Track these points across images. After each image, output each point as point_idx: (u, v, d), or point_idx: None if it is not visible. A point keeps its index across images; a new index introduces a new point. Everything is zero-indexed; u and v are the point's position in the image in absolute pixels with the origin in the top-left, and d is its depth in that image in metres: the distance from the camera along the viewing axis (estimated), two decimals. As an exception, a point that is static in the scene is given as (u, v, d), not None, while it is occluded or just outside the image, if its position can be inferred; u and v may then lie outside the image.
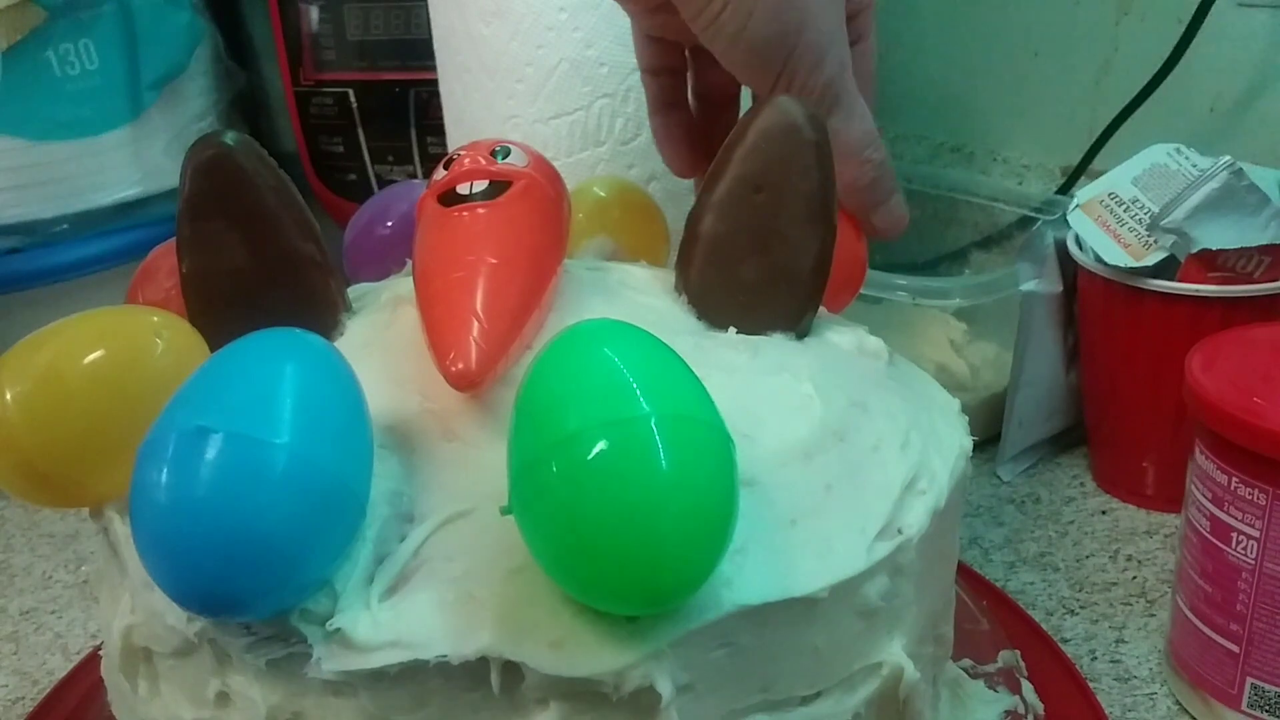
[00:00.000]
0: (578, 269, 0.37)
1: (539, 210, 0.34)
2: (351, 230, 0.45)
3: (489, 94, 0.58)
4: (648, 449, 0.24)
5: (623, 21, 0.55)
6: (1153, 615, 0.48)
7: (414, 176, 0.78)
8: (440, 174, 0.34)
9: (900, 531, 0.30)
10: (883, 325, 0.40)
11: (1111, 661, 0.46)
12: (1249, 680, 0.39)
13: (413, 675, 0.26)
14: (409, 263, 0.35)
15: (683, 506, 0.24)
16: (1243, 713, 0.40)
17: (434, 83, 0.63)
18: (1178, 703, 0.43)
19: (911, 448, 0.33)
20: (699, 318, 0.36)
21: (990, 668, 0.41)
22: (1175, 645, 0.43)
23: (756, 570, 0.28)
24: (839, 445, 0.32)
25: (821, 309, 0.37)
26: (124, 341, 0.31)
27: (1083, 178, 0.67)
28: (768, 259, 0.34)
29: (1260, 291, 0.50)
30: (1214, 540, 0.39)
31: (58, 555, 0.58)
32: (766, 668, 0.28)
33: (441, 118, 0.64)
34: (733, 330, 0.35)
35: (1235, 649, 0.39)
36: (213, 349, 0.30)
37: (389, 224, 0.44)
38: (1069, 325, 0.59)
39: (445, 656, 0.26)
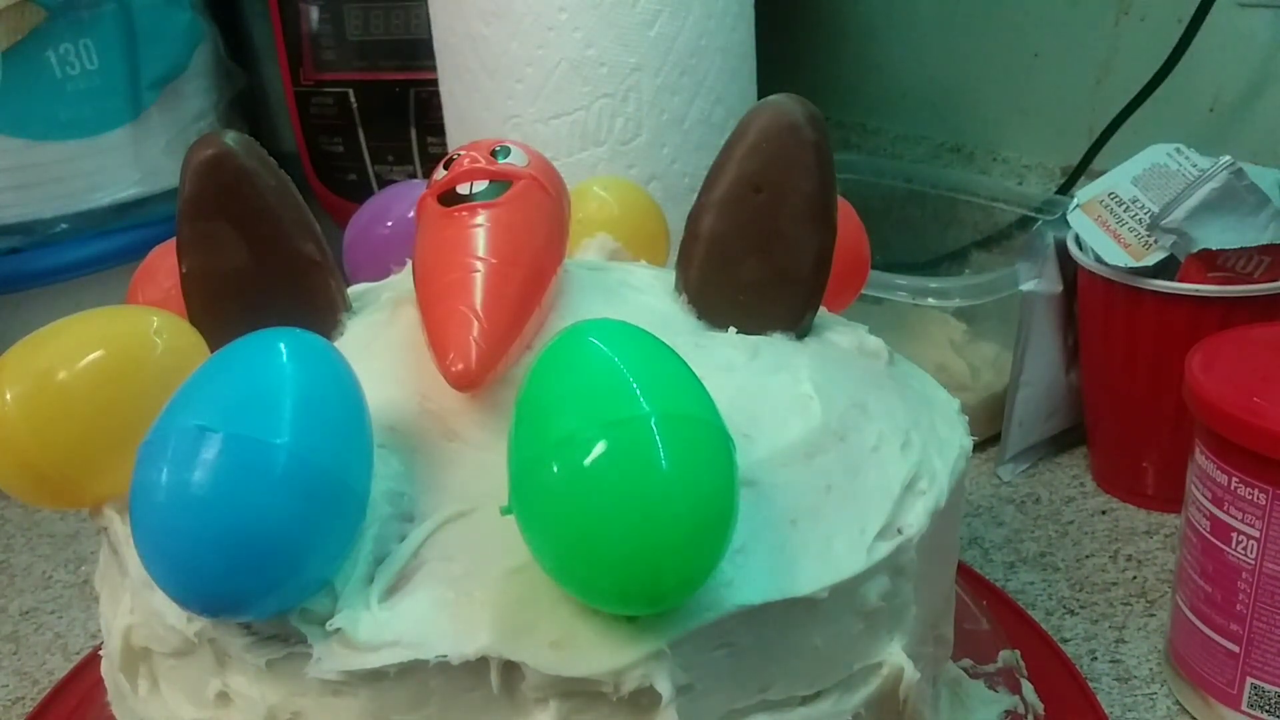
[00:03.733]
0: (578, 269, 0.37)
1: (539, 210, 0.34)
2: (351, 230, 0.45)
3: (489, 94, 0.58)
4: (648, 449, 0.24)
5: (623, 21, 0.56)
6: (1153, 615, 0.48)
7: (414, 176, 0.78)
8: (440, 174, 0.34)
9: (900, 531, 0.30)
10: (883, 325, 0.40)
11: (1111, 661, 0.46)
12: (1249, 680, 0.39)
13: (413, 675, 0.26)
14: (409, 262, 0.35)
15: (683, 506, 0.24)
16: (1243, 713, 0.40)
17: (434, 83, 0.63)
18: (1178, 703, 0.43)
19: (912, 448, 0.33)
20: (699, 317, 0.36)
21: (990, 668, 0.41)
22: (1175, 645, 0.43)
23: (757, 570, 0.28)
24: (839, 445, 0.32)
25: (822, 308, 0.37)
26: (124, 341, 0.31)
27: (1083, 178, 0.67)
28: (768, 259, 0.34)
29: (1260, 291, 0.50)
30: (1214, 540, 0.39)
31: (58, 555, 0.58)
32: (766, 668, 0.28)
33: (441, 118, 0.64)
34: (733, 330, 0.35)
35: (1235, 649, 0.39)
36: (213, 349, 0.30)
37: (389, 224, 0.44)
38: (1069, 325, 0.59)
39: (445, 656, 0.26)
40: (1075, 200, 0.56)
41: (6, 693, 0.48)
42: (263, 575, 0.25)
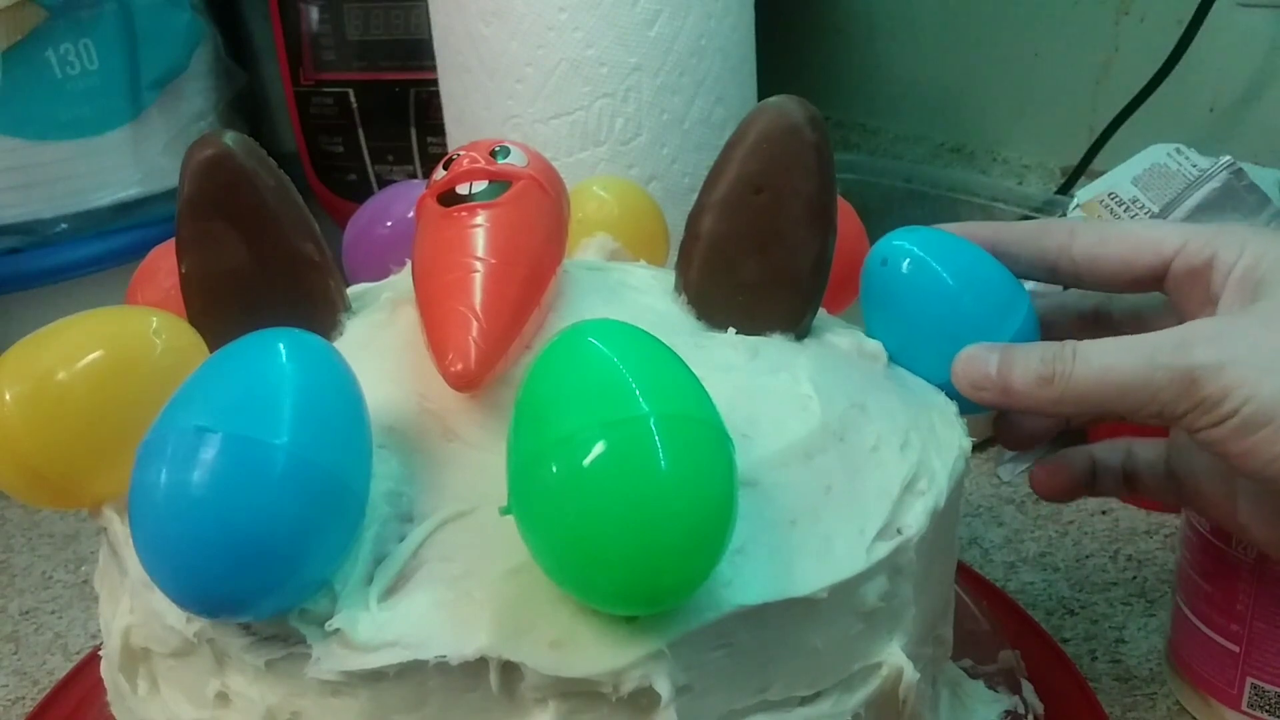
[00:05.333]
0: (577, 269, 0.37)
1: (538, 210, 0.34)
2: (351, 230, 0.45)
3: (489, 94, 0.58)
4: (647, 449, 0.24)
5: (623, 21, 0.56)
6: (1153, 615, 0.48)
7: (414, 176, 0.78)
8: (440, 174, 0.34)
9: (900, 532, 0.30)
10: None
11: (1111, 661, 0.46)
12: (1249, 680, 0.39)
13: (412, 675, 0.26)
14: (408, 263, 0.35)
15: (682, 506, 0.24)
16: (1243, 713, 0.40)
17: (434, 83, 0.63)
18: (1178, 703, 0.43)
19: (911, 448, 0.33)
20: (698, 318, 0.36)
21: (990, 668, 0.41)
22: (1175, 645, 0.43)
23: (756, 571, 0.28)
24: (838, 446, 0.32)
25: (822, 310, 0.37)
26: (123, 342, 0.31)
27: (1083, 178, 0.67)
28: (767, 260, 0.34)
29: (1260, 291, 0.50)
30: (1214, 540, 0.39)
31: (58, 555, 0.58)
32: (765, 668, 0.28)
33: (441, 118, 0.64)
34: (732, 331, 0.35)
35: (1235, 649, 0.39)
36: (212, 349, 0.30)
37: (389, 224, 0.44)
38: (1069, 325, 0.59)
39: (444, 657, 0.26)
40: (1075, 200, 0.56)
41: (6, 693, 0.48)
42: (262, 575, 0.25)
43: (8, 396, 0.29)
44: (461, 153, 0.35)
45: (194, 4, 0.75)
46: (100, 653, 0.33)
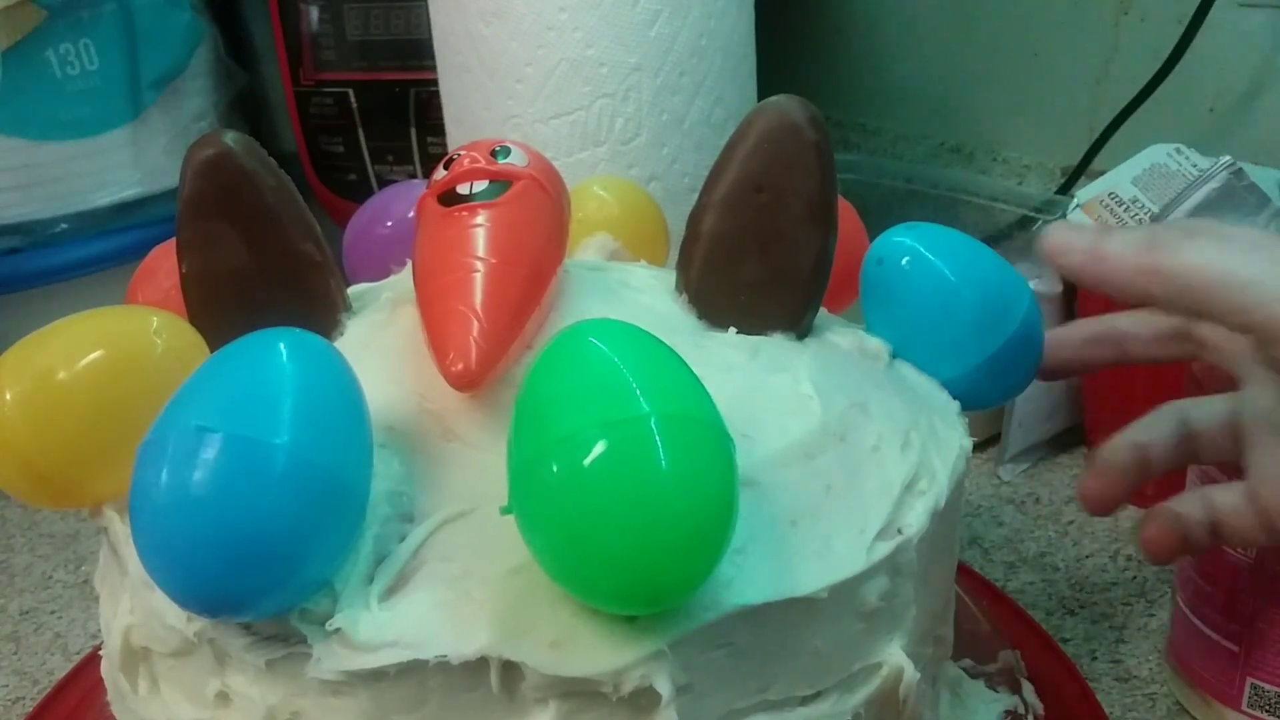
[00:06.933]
0: (578, 269, 0.37)
1: (539, 210, 0.34)
2: (351, 230, 0.45)
3: (489, 94, 0.58)
4: (648, 449, 0.24)
5: (623, 21, 0.56)
6: (1153, 615, 0.48)
7: (414, 176, 0.78)
8: (440, 174, 0.34)
9: (900, 532, 0.30)
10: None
11: (1111, 661, 0.46)
12: (1249, 680, 0.39)
13: (412, 675, 0.26)
14: (409, 262, 0.35)
15: (683, 506, 0.24)
16: (1243, 713, 0.40)
17: (434, 83, 0.63)
18: (1178, 703, 0.43)
19: (911, 448, 0.33)
20: (699, 317, 0.36)
21: (990, 668, 0.41)
22: (1175, 645, 0.43)
23: (756, 570, 0.28)
24: (839, 445, 0.31)
25: (823, 309, 0.37)
26: (123, 341, 0.31)
27: (1083, 178, 0.67)
28: (768, 259, 0.34)
29: (1260, 291, 0.50)
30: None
31: (58, 555, 0.58)
32: (766, 668, 0.28)
33: (441, 118, 0.64)
34: (733, 330, 0.35)
35: (1235, 649, 0.39)
36: (212, 349, 0.30)
37: (389, 224, 0.44)
38: (1069, 325, 0.59)
39: (445, 656, 0.26)
40: (1075, 200, 0.56)
41: (6, 693, 0.48)
42: (263, 575, 0.25)
43: (8, 396, 0.29)
44: (462, 152, 0.35)
45: (194, 4, 0.76)
46: (100, 653, 0.33)
